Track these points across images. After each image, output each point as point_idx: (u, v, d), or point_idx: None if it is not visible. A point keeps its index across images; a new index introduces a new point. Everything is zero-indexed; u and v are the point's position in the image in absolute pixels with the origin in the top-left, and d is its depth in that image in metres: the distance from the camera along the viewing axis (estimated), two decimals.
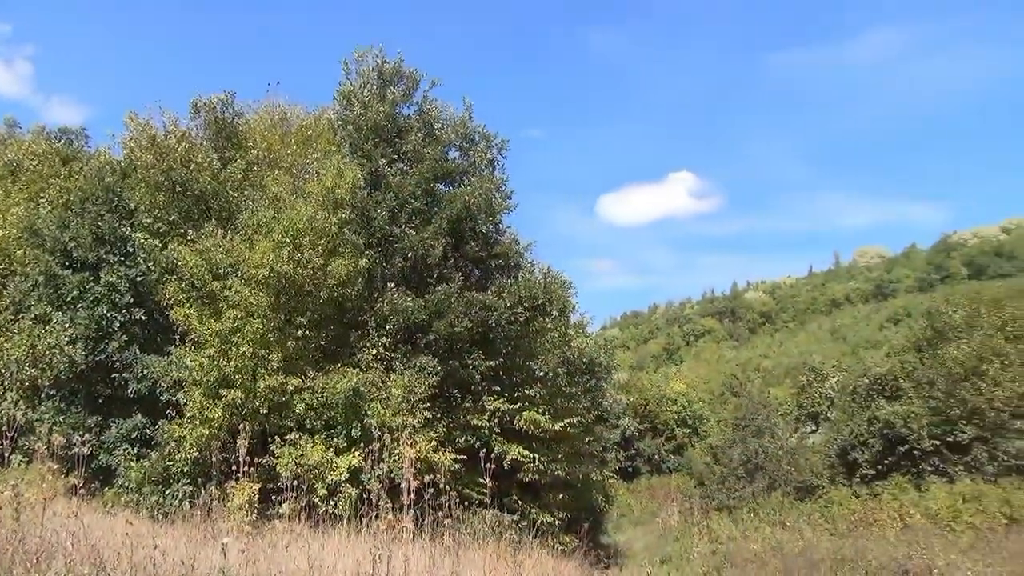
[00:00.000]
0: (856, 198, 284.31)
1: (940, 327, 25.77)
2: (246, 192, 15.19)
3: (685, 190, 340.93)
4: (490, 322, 14.62)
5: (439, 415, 14.04)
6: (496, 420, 14.56)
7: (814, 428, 34.39)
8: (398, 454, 9.84)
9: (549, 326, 16.32)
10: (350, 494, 11.71)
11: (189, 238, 14.48)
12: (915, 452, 23.08)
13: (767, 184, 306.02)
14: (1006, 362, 22.62)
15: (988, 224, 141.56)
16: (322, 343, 14.44)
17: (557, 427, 15.28)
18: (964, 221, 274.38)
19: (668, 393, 45.00)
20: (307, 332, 13.60)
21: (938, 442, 22.77)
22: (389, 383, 13.25)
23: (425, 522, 7.03)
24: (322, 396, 12.64)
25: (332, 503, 11.56)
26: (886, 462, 23.69)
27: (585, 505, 19.20)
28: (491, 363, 14.61)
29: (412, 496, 6.46)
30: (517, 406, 14.81)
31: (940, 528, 17.14)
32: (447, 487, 7.27)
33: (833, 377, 36.83)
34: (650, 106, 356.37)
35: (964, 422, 22.40)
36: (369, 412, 12.61)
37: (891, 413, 23.68)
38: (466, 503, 10.78)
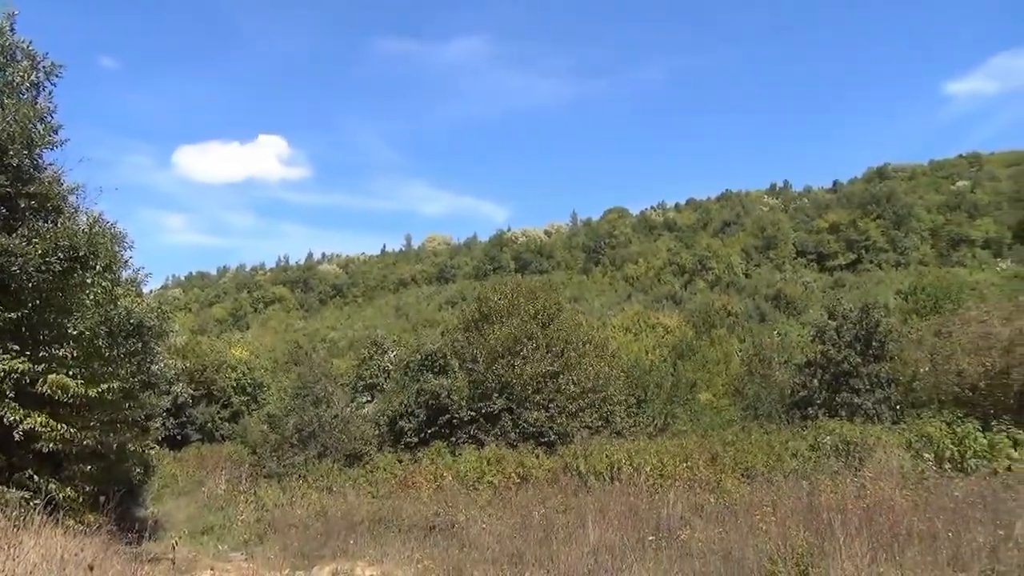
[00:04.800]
0: (435, 188, 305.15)
1: (487, 311, 28.81)
2: None
3: (275, 155, 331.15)
4: (14, 269, 12.50)
5: None
6: (12, 383, 12.53)
7: (370, 399, 36.03)
8: None
9: (91, 280, 14.52)
10: None
11: None
12: (454, 421, 25.56)
13: (356, 162, 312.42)
14: (535, 344, 26.13)
15: (535, 226, 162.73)
16: None
17: (92, 393, 13.69)
18: (517, 221, 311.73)
19: (229, 359, 43.51)
20: None
21: (474, 412, 25.50)
22: None
23: None
24: None
25: None
26: (429, 430, 25.84)
27: (119, 477, 17.61)
28: (11, 315, 12.52)
29: None
30: (41, 368, 12.93)
31: (467, 488, 19.00)
32: None
33: (392, 351, 38.86)
34: (249, 61, 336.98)
35: (497, 395, 25.39)
36: None
37: (437, 385, 25.88)
38: None
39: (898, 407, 26.07)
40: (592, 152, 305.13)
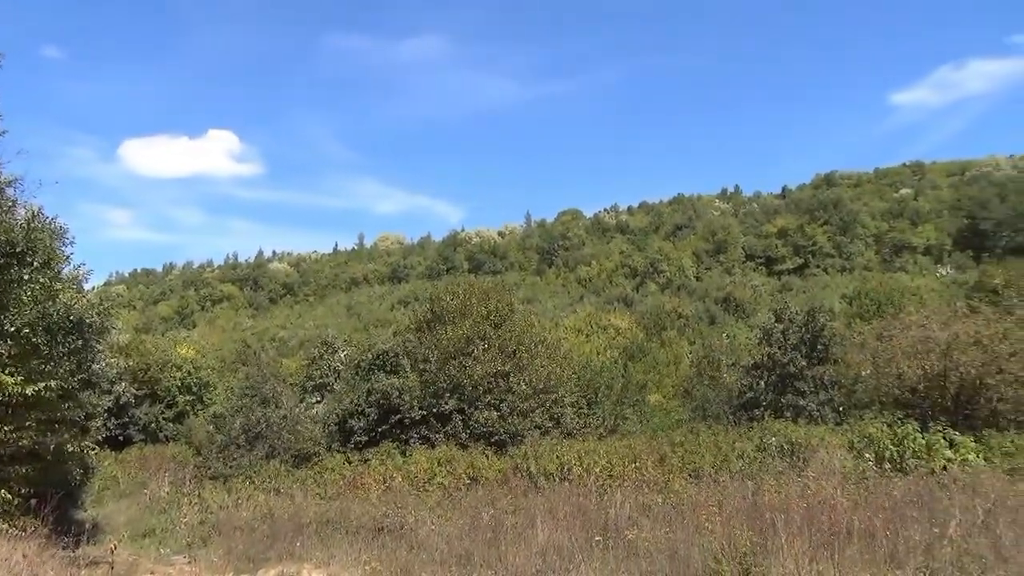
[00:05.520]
0: (389, 186, 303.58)
1: (439, 311, 28.71)
2: None
3: (225, 150, 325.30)
4: None
5: None
6: None
7: (320, 399, 35.59)
8: None
9: (28, 277, 14.07)
10: None
11: None
12: (405, 421, 25.40)
13: (309, 159, 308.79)
14: (486, 345, 26.11)
15: (489, 227, 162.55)
16: None
17: (29, 391, 13.28)
18: (472, 221, 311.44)
19: (174, 358, 42.54)
20: None
21: (425, 412, 25.37)
22: None
23: None
24: None
25: None
26: (380, 430, 25.63)
27: (57, 478, 17.09)
28: None
29: None
30: None
31: (417, 489, 18.86)
32: None
33: (343, 351, 38.44)
34: (200, 54, 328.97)
35: (449, 395, 25.31)
36: None
37: (388, 385, 25.68)
38: None
39: (841, 408, 26.67)
40: (547, 153, 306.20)
